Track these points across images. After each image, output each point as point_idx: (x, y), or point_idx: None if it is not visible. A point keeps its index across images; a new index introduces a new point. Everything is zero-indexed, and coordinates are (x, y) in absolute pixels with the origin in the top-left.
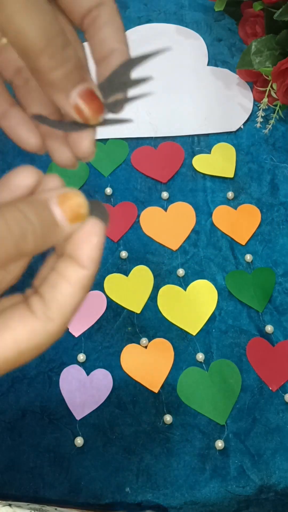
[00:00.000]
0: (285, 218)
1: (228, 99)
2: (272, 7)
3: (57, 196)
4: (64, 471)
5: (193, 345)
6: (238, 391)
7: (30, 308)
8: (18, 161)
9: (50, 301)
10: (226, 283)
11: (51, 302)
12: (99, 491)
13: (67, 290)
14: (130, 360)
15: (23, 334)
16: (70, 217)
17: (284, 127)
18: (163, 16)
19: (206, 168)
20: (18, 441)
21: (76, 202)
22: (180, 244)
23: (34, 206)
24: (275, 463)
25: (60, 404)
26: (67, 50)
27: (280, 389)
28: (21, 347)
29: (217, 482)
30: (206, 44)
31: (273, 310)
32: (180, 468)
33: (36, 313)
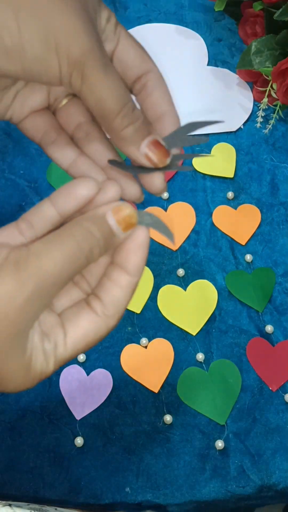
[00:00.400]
0: (285, 218)
1: (228, 99)
2: (272, 7)
3: (112, 209)
4: (64, 471)
5: (193, 345)
6: (238, 391)
7: (92, 309)
8: (18, 161)
9: (108, 304)
10: (226, 283)
11: (109, 304)
12: (99, 491)
13: (119, 293)
14: (130, 360)
15: (90, 330)
16: (123, 226)
17: (284, 127)
18: (163, 16)
19: (206, 168)
20: (18, 441)
21: (127, 213)
22: (180, 244)
23: (96, 221)
24: (275, 463)
25: (60, 404)
26: (136, 111)
27: (280, 389)
28: (89, 340)
29: (217, 482)
30: (206, 44)
31: (273, 310)
32: (180, 468)
33: (98, 313)
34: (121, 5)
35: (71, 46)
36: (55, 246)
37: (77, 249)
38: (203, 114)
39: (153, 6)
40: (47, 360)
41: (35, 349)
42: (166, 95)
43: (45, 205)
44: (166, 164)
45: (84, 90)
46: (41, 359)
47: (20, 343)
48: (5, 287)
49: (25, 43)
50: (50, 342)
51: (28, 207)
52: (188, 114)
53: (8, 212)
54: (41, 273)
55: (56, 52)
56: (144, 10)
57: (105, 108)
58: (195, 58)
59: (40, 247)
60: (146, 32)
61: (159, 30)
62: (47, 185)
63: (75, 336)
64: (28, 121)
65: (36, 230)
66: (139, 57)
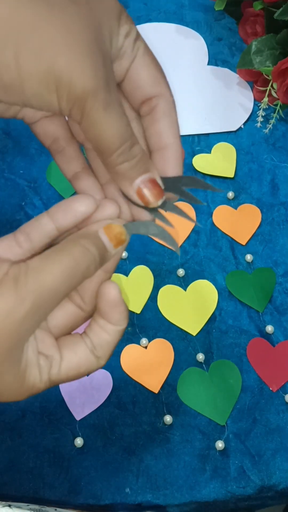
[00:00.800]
0: (285, 218)
1: (228, 99)
2: (272, 7)
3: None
4: (64, 471)
5: (193, 345)
6: (238, 391)
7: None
8: (17, 160)
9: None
10: (226, 283)
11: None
12: (99, 491)
13: (107, 338)
14: (130, 360)
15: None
16: (115, 243)
17: (285, 126)
18: (163, 16)
19: (206, 168)
20: (18, 441)
21: (118, 230)
22: (180, 244)
23: (92, 238)
24: (276, 463)
25: (60, 404)
26: (134, 148)
27: (281, 390)
28: (80, 371)
29: (217, 482)
30: (206, 44)
31: (274, 310)
32: (180, 468)
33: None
34: None
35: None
36: (54, 262)
37: (74, 265)
38: (203, 113)
39: (153, 5)
40: (40, 376)
41: (30, 362)
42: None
43: (44, 219)
44: (157, 205)
45: (83, 125)
46: (35, 373)
47: (15, 356)
48: (4, 303)
49: (24, 82)
50: (47, 361)
51: (28, 207)
52: (188, 114)
53: (8, 212)
54: (40, 289)
55: (56, 91)
56: (144, 9)
57: (103, 145)
58: (195, 57)
59: (39, 263)
60: (146, 32)
61: (159, 30)
62: (47, 185)
63: (70, 363)
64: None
65: (34, 243)
66: (152, 77)
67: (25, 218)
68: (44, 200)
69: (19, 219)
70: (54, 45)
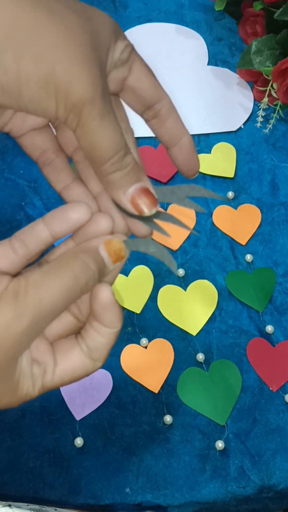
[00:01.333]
0: (285, 218)
1: (228, 99)
2: (272, 7)
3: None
4: (64, 471)
5: (193, 345)
6: (238, 391)
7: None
8: (18, 160)
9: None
10: (226, 283)
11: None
12: (99, 491)
13: (102, 340)
14: (130, 360)
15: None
16: (113, 258)
17: (285, 126)
18: (163, 16)
19: (206, 168)
20: (18, 441)
21: (118, 246)
22: (180, 244)
23: (92, 254)
24: (276, 463)
25: (60, 404)
26: (127, 158)
27: (281, 390)
28: (75, 375)
29: (217, 482)
30: (206, 44)
31: (274, 310)
32: (180, 468)
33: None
34: (121, 4)
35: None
36: (53, 278)
37: (74, 281)
38: (203, 114)
39: (153, 5)
40: (33, 384)
41: (23, 372)
42: (179, 122)
43: (39, 226)
44: (152, 213)
45: (78, 133)
46: (28, 382)
47: (10, 368)
48: (3, 317)
49: (22, 86)
50: (40, 368)
51: (28, 207)
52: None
53: (8, 212)
54: (39, 305)
55: (54, 96)
56: (144, 9)
57: (96, 154)
58: (195, 57)
59: (39, 278)
60: (146, 32)
61: (159, 30)
62: (47, 185)
63: (65, 368)
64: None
65: (29, 249)
66: (152, 86)
67: (25, 218)
68: (44, 200)
69: (19, 219)
70: (53, 51)
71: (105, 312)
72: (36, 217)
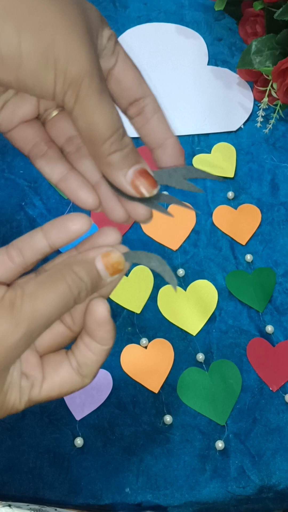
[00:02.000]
0: (285, 218)
1: (228, 99)
2: (272, 7)
3: (101, 254)
4: (64, 471)
5: (193, 345)
6: (238, 391)
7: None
8: (17, 160)
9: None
10: (226, 283)
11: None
12: (99, 491)
13: (92, 357)
14: (130, 360)
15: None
16: (111, 271)
17: (285, 126)
18: (163, 16)
19: (206, 167)
20: (18, 441)
21: (116, 259)
22: (180, 244)
23: (86, 266)
24: (276, 463)
25: (60, 404)
26: (125, 138)
27: (281, 390)
28: (62, 391)
29: (217, 482)
30: (206, 44)
31: (274, 310)
32: (180, 468)
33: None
34: (121, 4)
35: (70, 64)
36: (49, 288)
37: (68, 292)
38: (203, 114)
39: (153, 5)
40: (20, 397)
41: (12, 384)
42: (165, 122)
43: (37, 235)
44: (153, 194)
45: (76, 111)
46: (16, 394)
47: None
48: None
49: (23, 55)
50: (28, 381)
51: (28, 207)
52: (188, 114)
53: (8, 212)
54: (34, 316)
55: (53, 68)
56: (144, 9)
57: (95, 133)
58: (195, 57)
59: (34, 289)
60: (146, 32)
61: (159, 30)
62: (47, 185)
63: (52, 383)
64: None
65: (26, 258)
66: (137, 79)
67: (25, 218)
68: (44, 200)
69: (19, 219)
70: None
71: (99, 328)
72: (36, 217)
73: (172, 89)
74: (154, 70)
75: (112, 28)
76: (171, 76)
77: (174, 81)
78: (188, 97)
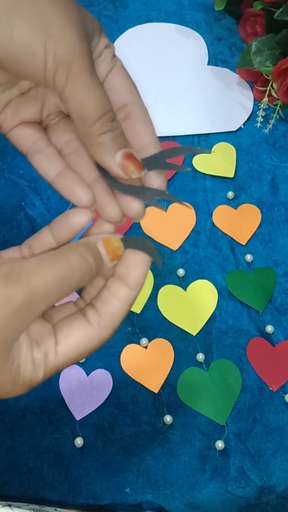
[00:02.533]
0: (285, 218)
1: (228, 99)
2: (272, 7)
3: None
4: (64, 471)
5: (193, 345)
6: (238, 391)
7: (87, 319)
8: (17, 160)
9: (104, 315)
10: (226, 283)
11: (105, 315)
12: (99, 491)
13: (117, 306)
14: (130, 360)
15: (82, 340)
16: (111, 256)
17: (285, 126)
18: (163, 16)
19: (206, 168)
20: (18, 441)
21: (116, 245)
22: (180, 244)
23: (90, 249)
24: (276, 463)
25: (60, 404)
26: (115, 121)
27: (281, 390)
28: (80, 350)
29: (217, 482)
30: (206, 44)
31: (274, 310)
32: (180, 468)
33: (92, 323)
34: (121, 4)
35: (62, 42)
36: (47, 266)
37: (68, 272)
38: (203, 114)
39: (153, 5)
40: (36, 369)
41: (23, 358)
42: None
43: (44, 232)
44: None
45: (68, 90)
46: (30, 368)
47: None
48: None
49: (15, 27)
50: (40, 351)
51: (28, 207)
52: (188, 114)
53: (8, 212)
54: (29, 290)
55: (44, 43)
56: (144, 9)
57: (86, 112)
58: (195, 57)
59: (33, 264)
60: (146, 32)
61: (159, 30)
62: (47, 185)
63: (67, 345)
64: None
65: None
66: (128, 86)
67: (25, 218)
68: (44, 200)
69: (19, 219)
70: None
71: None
72: (36, 217)
73: (172, 89)
74: (154, 70)
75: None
76: (171, 76)
77: (174, 81)
78: (188, 97)
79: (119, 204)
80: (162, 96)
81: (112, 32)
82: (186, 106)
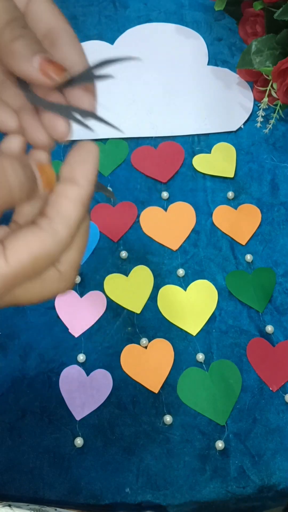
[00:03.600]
0: (285, 218)
1: (228, 99)
2: (272, 7)
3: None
4: (64, 471)
5: (193, 345)
6: (238, 391)
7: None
8: None
9: (54, 216)
10: (226, 283)
11: (55, 217)
12: (99, 491)
13: (67, 205)
14: (130, 360)
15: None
16: (45, 183)
17: (285, 126)
18: (163, 16)
19: (206, 167)
20: (18, 441)
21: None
22: (180, 244)
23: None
24: (276, 463)
25: (60, 404)
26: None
27: (281, 390)
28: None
29: (217, 482)
30: (206, 44)
31: (274, 310)
32: (180, 468)
33: (43, 227)
34: (121, 4)
35: None
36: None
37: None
38: (203, 114)
39: (153, 5)
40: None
41: None
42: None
43: None
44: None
45: None
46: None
47: None
48: None
49: None
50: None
51: None
52: (188, 114)
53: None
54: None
55: None
56: (144, 9)
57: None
58: (195, 57)
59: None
60: (146, 32)
61: (159, 30)
62: None
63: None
64: None
65: None
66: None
67: None
68: None
69: None
70: None
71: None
72: None
73: (172, 89)
74: (154, 70)
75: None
76: (171, 76)
77: (174, 81)
78: (188, 97)
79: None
80: (162, 96)
81: (112, 32)
82: (186, 106)
